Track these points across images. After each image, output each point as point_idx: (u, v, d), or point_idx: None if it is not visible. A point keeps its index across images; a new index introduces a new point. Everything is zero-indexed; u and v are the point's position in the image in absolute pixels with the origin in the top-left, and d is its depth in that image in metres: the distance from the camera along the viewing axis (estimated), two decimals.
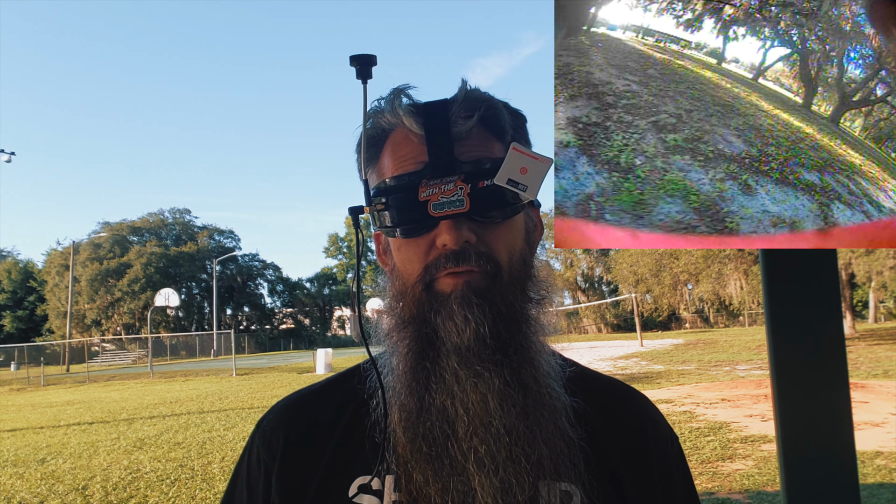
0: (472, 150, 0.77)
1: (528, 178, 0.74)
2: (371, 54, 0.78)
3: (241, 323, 55.03)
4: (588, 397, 0.81)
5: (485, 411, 0.72)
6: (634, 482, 0.79)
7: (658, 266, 36.40)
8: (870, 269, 24.11)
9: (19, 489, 6.87)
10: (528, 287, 0.79)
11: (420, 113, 0.77)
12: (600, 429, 0.80)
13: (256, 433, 0.87)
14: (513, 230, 0.79)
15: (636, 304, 32.17)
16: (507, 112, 0.81)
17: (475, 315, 0.72)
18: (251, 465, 0.85)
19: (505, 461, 0.71)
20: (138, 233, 52.44)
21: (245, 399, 14.50)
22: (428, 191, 0.75)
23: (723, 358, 18.10)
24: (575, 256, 46.43)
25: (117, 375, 26.69)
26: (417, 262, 0.77)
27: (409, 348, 0.77)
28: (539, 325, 0.78)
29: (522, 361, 0.74)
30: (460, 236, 0.74)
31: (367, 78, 0.77)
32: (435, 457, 0.72)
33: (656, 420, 0.87)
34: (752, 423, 8.32)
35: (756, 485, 5.71)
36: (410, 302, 0.78)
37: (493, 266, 0.75)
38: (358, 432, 0.80)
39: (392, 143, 0.80)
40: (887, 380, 11.57)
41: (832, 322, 1.15)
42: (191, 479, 6.99)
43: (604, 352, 23.88)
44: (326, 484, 0.78)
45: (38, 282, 51.10)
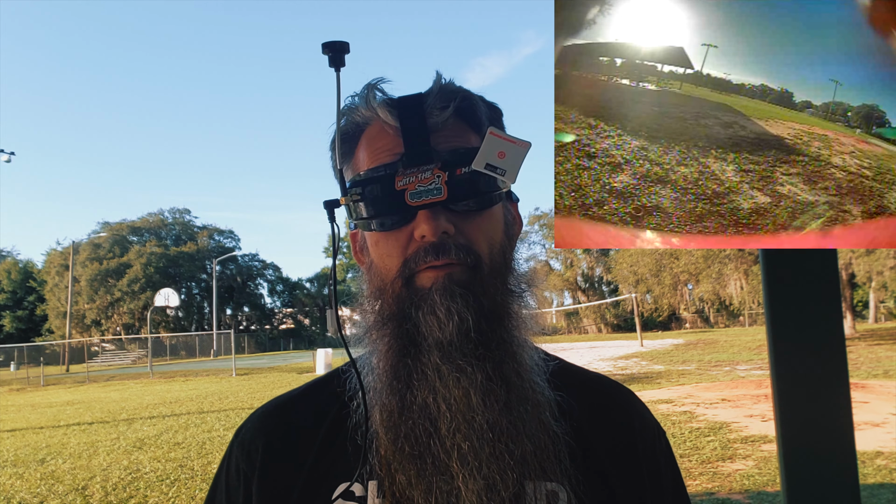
0: (448, 140, 0.76)
1: (506, 162, 0.73)
2: (343, 41, 0.76)
3: (241, 323, 55.03)
4: (573, 392, 0.79)
5: (467, 407, 0.70)
6: (622, 478, 0.78)
7: (658, 266, 36.41)
8: (870, 269, 24.11)
9: (19, 489, 6.87)
10: (509, 280, 0.78)
11: (395, 105, 0.76)
12: (586, 424, 0.79)
13: (235, 442, 0.85)
14: (492, 221, 0.78)
15: (636, 304, 32.16)
16: (483, 104, 0.80)
17: (458, 307, 0.71)
18: (230, 476, 0.83)
19: (489, 458, 0.69)
20: (138, 233, 52.43)
21: (245, 399, 14.49)
22: (405, 180, 0.73)
23: (723, 358, 18.09)
24: (575, 256, 46.43)
25: (117, 375, 26.68)
26: (396, 256, 0.76)
27: (389, 346, 0.75)
28: (520, 320, 0.77)
29: (505, 356, 0.73)
30: (438, 226, 0.72)
31: (339, 66, 0.76)
32: (418, 456, 0.71)
33: (643, 415, 0.86)
34: (753, 423, 8.31)
35: (756, 485, 5.71)
36: (390, 298, 0.76)
37: (474, 258, 0.74)
38: (340, 437, 0.78)
39: (367, 138, 0.79)
40: (887, 380, 11.57)
41: (832, 322, 1.15)
42: (191, 479, 6.99)
43: (604, 352, 23.88)
44: (308, 492, 0.76)
45: (38, 282, 51.10)
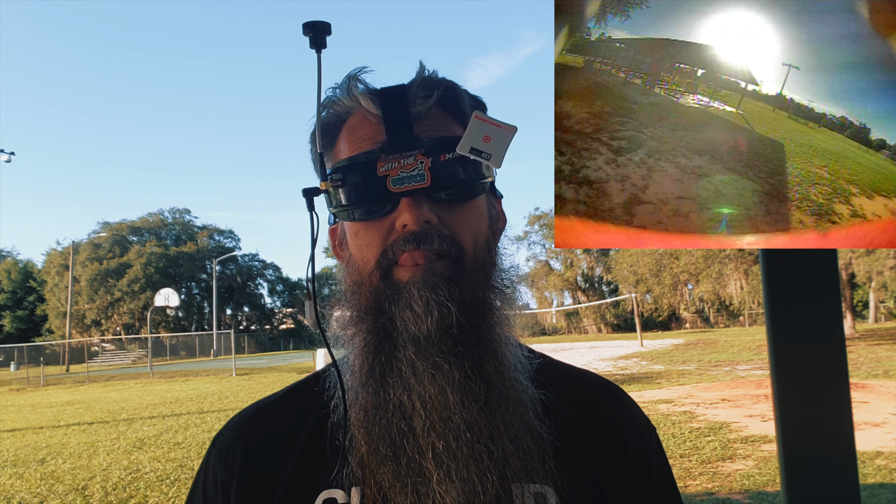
0: (431, 128, 0.74)
1: (491, 146, 0.71)
2: (325, 21, 0.75)
3: (241, 323, 55.01)
4: (558, 390, 0.77)
5: (443, 405, 0.68)
6: (612, 478, 0.76)
7: (658, 266, 36.41)
8: (870, 269, 24.12)
9: (19, 489, 6.87)
10: (493, 276, 0.76)
11: (377, 94, 0.74)
12: (573, 423, 0.77)
13: (212, 450, 0.82)
14: (476, 213, 0.75)
15: (636, 304, 32.16)
16: (468, 96, 0.79)
17: (440, 299, 0.68)
18: (207, 485, 0.80)
19: (466, 459, 0.67)
20: (138, 233, 52.43)
21: (245, 399, 14.49)
22: (387, 165, 0.71)
23: (723, 358, 18.09)
24: (575, 256, 46.43)
25: (117, 375, 26.68)
26: (375, 247, 0.73)
27: (364, 342, 0.72)
28: (504, 317, 0.75)
29: (485, 354, 0.70)
30: (421, 215, 0.70)
31: (321, 47, 0.75)
32: (392, 457, 0.68)
33: (633, 411, 0.84)
34: (753, 423, 8.31)
35: (756, 485, 5.71)
36: (367, 292, 0.73)
37: (457, 250, 0.72)
38: (322, 440, 0.75)
39: (348, 128, 0.77)
40: (887, 380, 11.56)
41: (832, 322, 1.15)
42: (190, 479, 6.97)
43: (604, 352, 23.88)
44: (289, 501, 0.73)
45: (38, 282, 51.09)
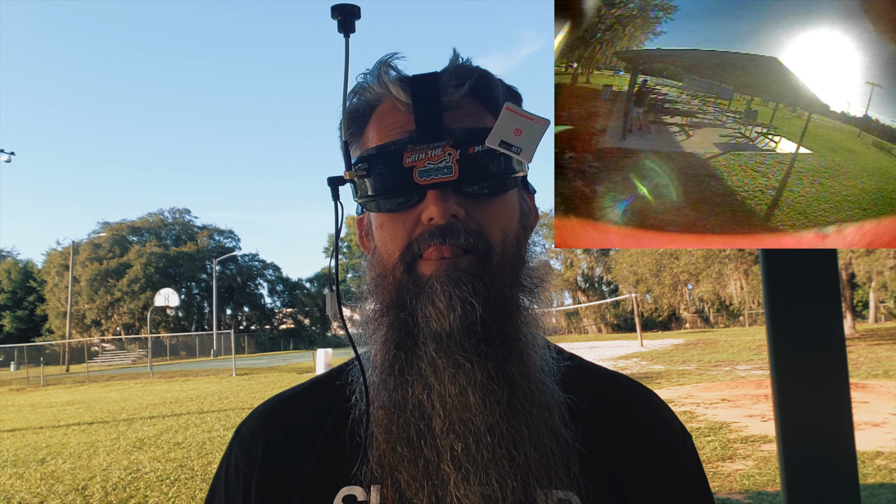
0: (462, 119, 0.72)
1: (522, 140, 0.68)
2: (354, 4, 0.72)
3: (241, 323, 55.02)
4: (587, 393, 0.75)
5: (464, 406, 0.65)
6: (639, 485, 0.72)
7: (658, 266, 36.41)
8: (870, 269, 24.11)
9: (19, 489, 6.87)
10: (522, 274, 0.73)
11: (408, 82, 0.73)
12: (600, 428, 0.74)
13: (235, 440, 0.81)
14: (506, 208, 0.73)
15: (636, 304, 32.15)
16: (502, 86, 0.76)
17: (464, 294, 0.66)
18: (229, 475, 0.80)
19: (486, 463, 0.65)
20: (138, 233, 52.44)
21: (245, 399, 14.48)
22: (413, 156, 0.69)
23: (723, 358, 18.09)
24: (575, 256, 46.43)
25: (117, 375, 26.67)
26: (400, 239, 0.71)
27: (385, 338, 0.70)
28: (531, 316, 0.72)
29: (510, 355, 0.68)
30: (448, 208, 0.68)
31: (349, 31, 0.72)
32: (410, 458, 0.66)
33: (665, 417, 0.80)
34: (753, 423, 8.31)
35: (756, 485, 5.71)
36: (390, 285, 0.71)
37: (484, 245, 0.69)
38: (342, 436, 0.74)
39: (378, 115, 0.75)
40: (887, 380, 11.56)
41: (832, 322, 1.15)
42: (191, 479, 6.99)
43: (604, 352, 23.86)
44: (309, 496, 0.72)
45: (38, 282, 51.09)
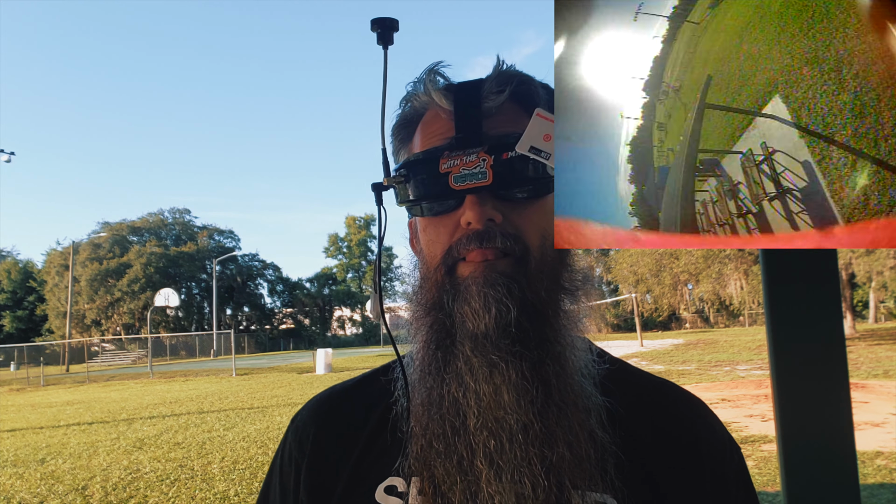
0: (501, 125, 0.73)
1: (551, 145, 0.69)
2: (393, 18, 0.76)
3: (241, 323, 55.04)
4: (629, 398, 0.75)
5: (497, 404, 0.67)
6: (677, 483, 0.72)
7: (658, 266, 36.39)
8: (870, 269, 24.11)
9: (19, 489, 6.87)
10: (562, 276, 0.74)
11: (451, 90, 0.75)
12: (639, 429, 0.74)
13: (290, 428, 0.86)
14: (543, 211, 0.73)
15: (636, 304, 32.16)
16: (544, 90, 0.77)
17: (499, 295, 0.68)
18: (284, 461, 0.84)
19: (518, 461, 0.66)
20: (138, 233, 52.44)
21: (245, 399, 14.49)
22: (449, 163, 0.71)
23: (723, 358, 18.09)
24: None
25: (117, 375, 26.68)
26: (441, 243, 0.74)
27: (426, 337, 0.73)
28: (570, 319, 0.73)
29: (546, 356, 0.69)
30: (484, 213, 0.70)
31: (388, 43, 0.76)
32: (445, 453, 0.69)
33: (712, 427, 0.78)
34: (752, 423, 8.31)
35: (756, 485, 5.64)
36: (432, 287, 0.74)
37: (521, 248, 0.71)
38: (385, 430, 0.77)
39: (423, 123, 0.79)
40: (887, 380, 11.56)
41: (832, 322, 1.15)
42: (191, 479, 6.99)
43: None
44: (353, 484, 0.75)
45: (38, 282, 51.10)
